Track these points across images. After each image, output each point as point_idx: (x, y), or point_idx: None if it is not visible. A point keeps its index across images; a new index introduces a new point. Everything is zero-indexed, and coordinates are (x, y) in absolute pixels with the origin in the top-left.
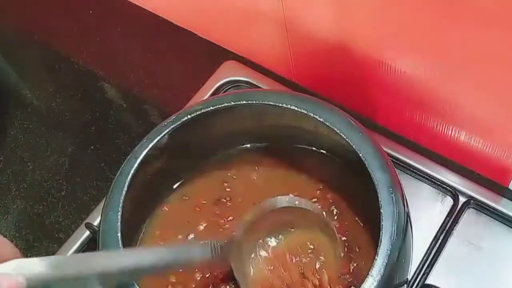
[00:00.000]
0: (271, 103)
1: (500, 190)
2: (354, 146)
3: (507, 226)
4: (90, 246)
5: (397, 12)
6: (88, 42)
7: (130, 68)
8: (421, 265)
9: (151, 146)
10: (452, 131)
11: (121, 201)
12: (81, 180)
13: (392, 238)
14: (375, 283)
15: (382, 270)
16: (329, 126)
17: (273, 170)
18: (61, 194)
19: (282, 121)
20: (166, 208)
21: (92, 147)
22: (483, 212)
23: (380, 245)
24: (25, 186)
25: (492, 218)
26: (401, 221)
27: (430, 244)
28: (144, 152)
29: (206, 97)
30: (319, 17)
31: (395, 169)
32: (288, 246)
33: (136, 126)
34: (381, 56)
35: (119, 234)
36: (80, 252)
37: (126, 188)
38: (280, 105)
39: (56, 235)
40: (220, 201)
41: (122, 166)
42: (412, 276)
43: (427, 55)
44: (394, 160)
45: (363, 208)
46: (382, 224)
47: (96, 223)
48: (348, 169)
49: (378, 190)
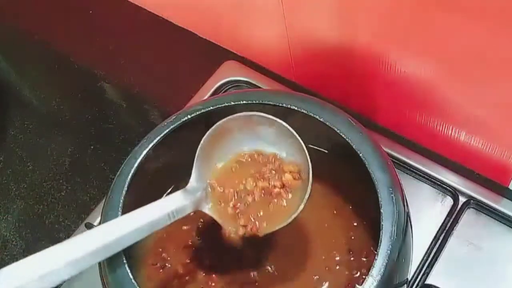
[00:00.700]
0: (271, 103)
1: (500, 190)
2: (354, 146)
3: (507, 226)
4: None
5: (397, 12)
6: (88, 42)
7: (130, 68)
8: (421, 265)
9: (151, 146)
10: (452, 131)
11: (121, 201)
12: (81, 180)
13: (392, 238)
14: (375, 283)
15: (382, 270)
16: (329, 126)
17: None
18: (61, 194)
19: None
20: None
21: (92, 147)
22: (483, 212)
23: (380, 245)
24: (25, 186)
25: (492, 218)
26: (401, 221)
27: (430, 244)
28: (144, 152)
29: (206, 97)
30: (319, 17)
31: (395, 169)
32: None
33: (136, 126)
34: (381, 56)
35: None
36: None
37: (126, 188)
38: (280, 105)
39: (56, 235)
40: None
41: (122, 166)
42: (412, 276)
43: (427, 55)
44: (394, 160)
45: (363, 208)
46: (382, 224)
47: (96, 223)
48: (348, 169)
49: (378, 190)
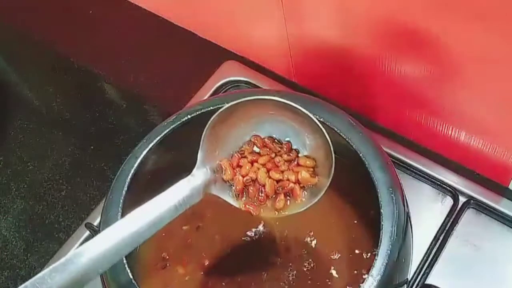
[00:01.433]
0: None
1: (500, 190)
2: (354, 146)
3: (507, 226)
4: None
5: (397, 12)
6: (88, 42)
7: (130, 68)
8: (421, 265)
9: (151, 146)
10: (452, 131)
11: (121, 201)
12: (81, 180)
13: (392, 238)
14: (375, 283)
15: (382, 270)
16: (329, 126)
17: None
18: (61, 194)
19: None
20: None
21: (92, 147)
22: (483, 212)
23: (380, 245)
24: (25, 186)
25: (492, 218)
26: (401, 221)
27: (430, 244)
28: (144, 152)
29: (206, 97)
30: (319, 17)
31: (395, 169)
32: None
33: (136, 126)
34: (381, 56)
35: None
36: None
37: (126, 188)
38: None
39: (56, 235)
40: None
41: (122, 166)
42: (412, 276)
43: (427, 55)
44: (394, 160)
45: (363, 208)
46: (382, 224)
47: (96, 223)
48: (348, 169)
49: (378, 190)
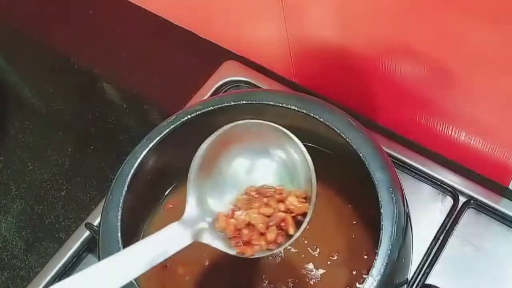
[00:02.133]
0: (271, 103)
1: (500, 190)
2: (354, 146)
3: (507, 226)
4: (90, 246)
5: (397, 12)
6: (88, 42)
7: (130, 68)
8: (421, 265)
9: (151, 146)
10: (452, 131)
11: (121, 201)
12: (81, 180)
13: (392, 238)
14: (375, 283)
15: (382, 270)
16: (329, 126)
17: None
18: (61, 194)
19: (282, 121)
20: (166, 208)
21: (92, 147)
22: (483, 212)
23: (380, 245)
24: (25, 186)
25: (492, 218)
26: (401, 221)
27: (430, 244)
28: (144, 152)
29: (206, 97)
30: (319, 17)
31: (395, 169)
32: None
33: (136, 126)
34: (381, 56)
35: (119, 234)
36: (80, 252)
37: (126, 188)
38: (280, 105)
39: (56, 235)
40: None
41: (122, 166)
42: (412, 276)
43: (427, 55)
44: (394, 160)
45: (363, 208)
46: (382, 224)
47: (96, 223)
48: (348, 169)
49: (378, 190)
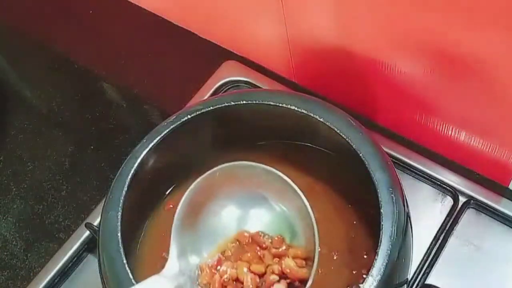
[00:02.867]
0: (271, 103)
1: (500, 190)
2: (354, 146)
3: (507, 226)
4: (90, 246)
5: (397, 12)
6: (88, 42)
7: (130, 68)
8: (421, 265)
9: (151, 146)
10: (452, 131)
11: (121, 201)
12: (81, 180)
13: (392, 238)
14: (375, 283)
15: (382, 270)
16: (329, 126)
17: None
18: (61, 194)
19: (282, 121)
20: (166, 208)
21: (92, 147)
22: (483, 212)
23: (380, 245)
24: (25, 186)
25: (492, 218)
26: (401, 221)
27: (430, 244)
28: (144, 152)
29: (206, 97)
30: (319, 17)
31: (395, 169)
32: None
33: (136, 126)
34: (381, 56)
35: (119, 234)
36: (80, 252)
37: (126, 188)
38: (280, 105)
39: (56, 235)
40: None
41: (122, 166)
42: (412, 276)
43: (426, 55)
44: (394, 160)
45: (363, 208)
46: (382, 224)
47: (96, 223)
48: (348, 169)
49: (378, 190)
